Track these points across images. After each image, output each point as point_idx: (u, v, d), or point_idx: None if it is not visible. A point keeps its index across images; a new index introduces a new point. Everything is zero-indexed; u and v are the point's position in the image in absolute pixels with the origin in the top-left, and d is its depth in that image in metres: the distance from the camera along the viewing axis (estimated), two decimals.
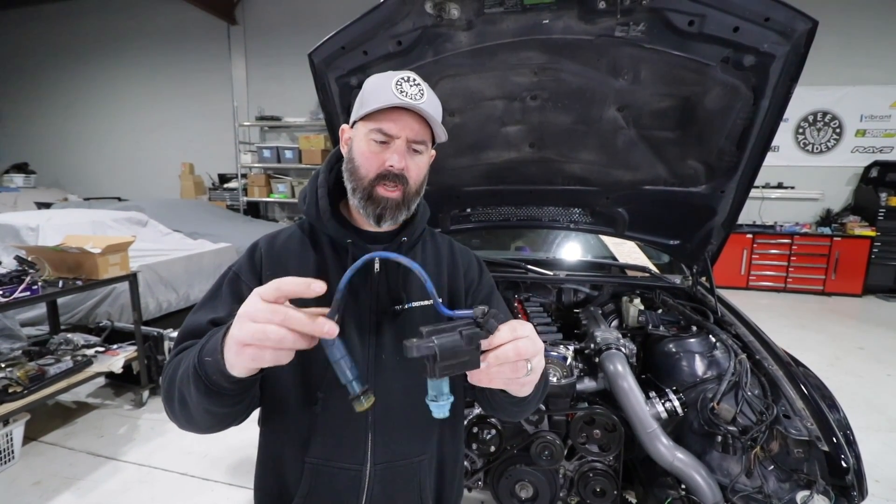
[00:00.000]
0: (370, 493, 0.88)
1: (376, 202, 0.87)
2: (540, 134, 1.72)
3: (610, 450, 1.43)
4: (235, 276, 0.92)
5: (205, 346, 0.69)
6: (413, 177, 0.89)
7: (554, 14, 1.33)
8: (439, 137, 0.92)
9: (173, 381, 0.75)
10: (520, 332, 0.65)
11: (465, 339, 0.59)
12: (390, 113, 0.85)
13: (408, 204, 0.90)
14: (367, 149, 0.86)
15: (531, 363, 0.67)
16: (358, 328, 0.89)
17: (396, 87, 0.83)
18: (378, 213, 0.88)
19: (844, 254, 6.35)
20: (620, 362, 1.46)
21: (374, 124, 0.85)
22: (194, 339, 0.84)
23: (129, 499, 2.34)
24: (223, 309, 0.87)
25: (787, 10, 1.20)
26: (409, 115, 0.85)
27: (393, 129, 0.85)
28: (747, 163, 1.56)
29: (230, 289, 0.90)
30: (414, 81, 0.86)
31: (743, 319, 1.68)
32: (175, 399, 0.75)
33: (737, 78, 1.37)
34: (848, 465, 1.15)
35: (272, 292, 0.60)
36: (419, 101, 0.84)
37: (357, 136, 0.89)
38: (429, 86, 0.89)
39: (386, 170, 0.86)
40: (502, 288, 2.22)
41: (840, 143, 6.73)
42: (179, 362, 0.77)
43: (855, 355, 4.33)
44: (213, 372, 0.66)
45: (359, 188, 0.88)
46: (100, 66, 9.06)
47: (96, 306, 3.49)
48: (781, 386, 1.35)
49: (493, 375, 0.65)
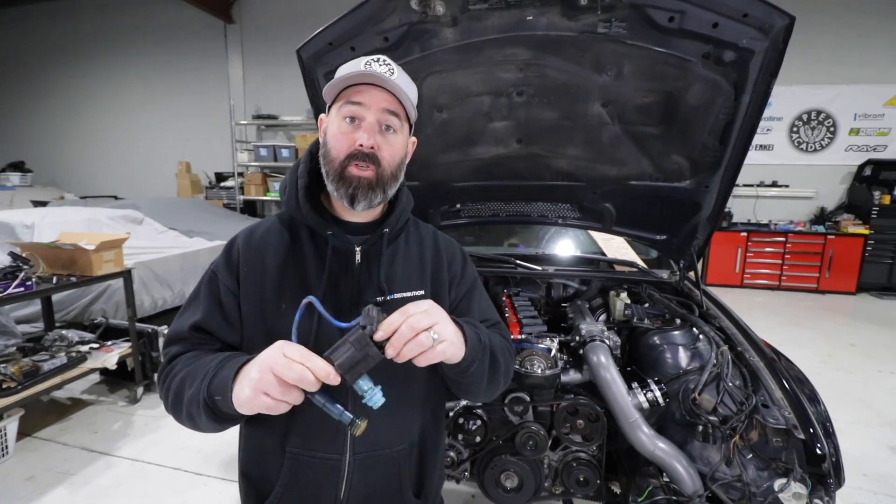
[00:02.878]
0: (349, 482, 0.90)
1: (348, 182, 0.87)
2: (527, 129, 1.74)
3: (593, 440, 1.45)
4: (213, 274, 0.94)
5: (213, 381, 0.76)
6: (386, 157, 0.89)
7: (537, 10, 1.35)
8: (411, 115, 0.93)
9: (179, 399, 0.82)
10: (411, 311, 0.74)
11: (354, 345, 0.70)
12: (359, 89, 0.87)
13: (382, 186, 0.90)
14: (339, 130, 0.88)
15: (434, 331, 0.74)
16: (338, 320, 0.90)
17: (366, 66, 0.86)
18: (350, 192, 0.87)
19: (838, 252, 6.39)
20: (604, 354, 1.48)
21: (343, 100, 0.87)
22: (182, 345, 0.90)
23: (123, 493, 2.36)
24: (202, 311, 0.91)
25: (765, 5, 1.22)
26: (378, 90, 0.87)
27: (362, 99, 0.86)
28: (730, 158, 1.58)
29: (208, 289, 0.93)
30: (384, 61, 0.88)
31: (727, 313, 1.71)
32: (183, 416, 0.83)
33: (718, 73, 1.39)
34: (823, 452, 1.17)
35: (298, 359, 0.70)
36: (388, 76, 0.85)
37: (330, 119, 0.91)
38: (402, 69, 0.90)
39: (356, 149, 0.86)
40: (493, 283, 2.24)
41: (834, 141, 6.77)
42: (183, 382, 0.82)
43: (847, 352, 4.36)
44: (224, 406, 0.75)
45: (331, 170, 0.89)
46: (97, 65, 9.07)
47: (91, 304, 3.51)
48: (761, 376, 1.37)
49: (405, 354, 0.72)
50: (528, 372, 1.45)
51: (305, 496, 0.91)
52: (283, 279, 0.91)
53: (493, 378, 0.93)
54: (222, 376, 0.75)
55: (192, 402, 0.78)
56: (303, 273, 0.91)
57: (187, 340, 0.90)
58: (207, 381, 0.77)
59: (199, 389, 0.77)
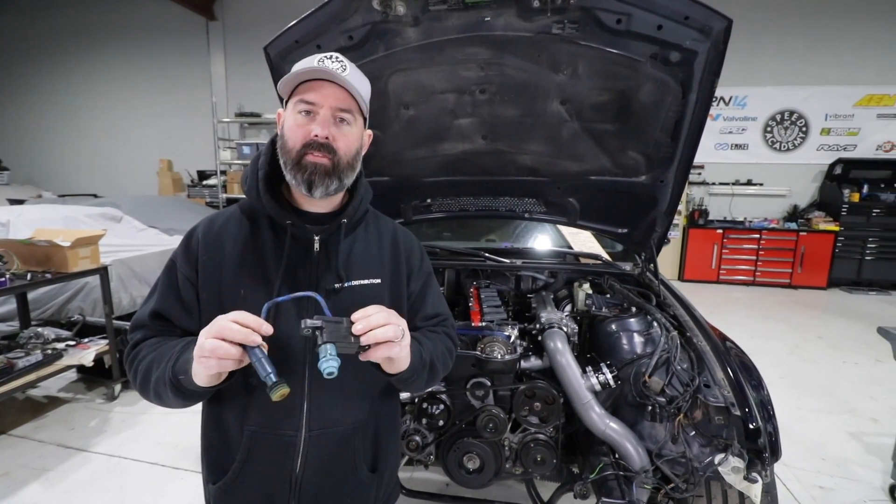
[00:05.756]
0: (305, 458, 0.95)
1: (304, 168, 0.91)
2: (491, 126, 1.80)
3: (550, 421, 1.52)
4: (172, 264, 0.98)
5: (176, 362, 0.83)
6: (342, 148, 0.93)
7: (494, 12, 1.41)
8: (364, 110, 0.97)
9: (147, 380, 0.88)
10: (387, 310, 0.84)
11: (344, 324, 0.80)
12: (313, 84, 0.91)
13: (339, 174, 0.93)
14: (294, 122, 0.92)
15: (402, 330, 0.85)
16: (297, 305, 0.93)
17: (319, 62, 0.90)
18: (307, 178, 0.91)
19: (810, 248, 6.59)
20: (560, 340, 1.55)
21: (298, 97, 0.92)
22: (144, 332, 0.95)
23: (99, 488, 2.37)
24: (160, 299, 0.96)
25: (704, 9, 1.30)
26: (331, 86, 0.91)
27: (314, 98, 0.90)
28: (682, 153, 1.66)
29: (166, 278, 0.97)
30: (337, 58, 0.92)
31: (682, 301, 1.79)
32: (151, 394, 0.89)
33: (665, 73, 1.47)
34: (757, 427, 1.25)
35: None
36: (340, 73, 0.90)
37: (287, 113, 0.95)
38: (356, 66, 0.95)
39: (311, 139, 0.90)
40: (464, 275, 2.31)
41: (806, 141, 6.98)
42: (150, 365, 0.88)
43: (814, 344, 4.52)
44: (188, 384, 0.81)
45: (288, 160, 0.92)
46: (76, 61, 8.94)
47: (68, 301, 3.48)
48: (706, 359, 1.45)
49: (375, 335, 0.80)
50: (489, 357, 1.52)
51: (262, 471, 0.95)
52: (242, 266, 0.95)
53: (431, 381, 1.02)
54: (184, 357, 0.81)
55: (159, 382, 0.84)
56: (262, 260, 0.95)
57: (149, 327, 0.95)
58: (172, 363, 0.83)
59: (165, 370, 0.83)
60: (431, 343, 1.02)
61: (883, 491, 2.40)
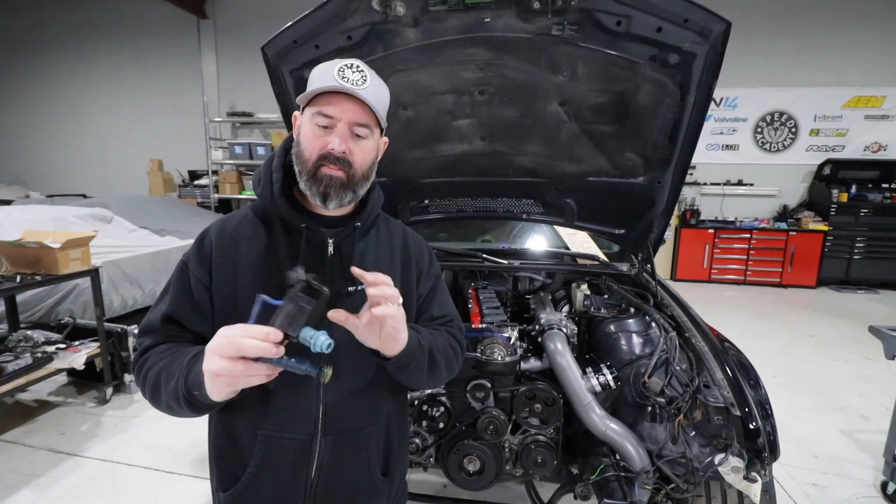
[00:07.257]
0: (320, 462, 0.94)
1: (319, 181, 0.90)
2: (490, 127, 1.80)
3: (550, 423, 1.52)
4: (184, 266, 0.96)
5: (188, 377, 0.79)
6: (358, 161, 0.92)
7: (494, 12, 1.41)
8: (382, 122, 0.95)
9: (158, 391, 0.85)
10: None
11: (287, 302, 0.76)
12: (331, 97, 0.89)
13: (354, 187, 0.93)
14: (311, 132, 0.90)
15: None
16: None
17: (339, 73, 0.88)
18: (322, 191, 0.90)
19: (800, 247, 6.68)
20: (560, 341, 1.56)
21: (316, 108, 0.90)
22: (154, 337, 0.93)
23: (91, 493, 2.33)
24: (172, 302, 0.93)
25: (703, 11, 1.31)
26: (349, 100, 0.89)
27: (333, 112, 0.89)
28: (679, 155, 1.67)
29: (179, 280, 0.95)
30: (357, 68, 0.90)
31: (679, 302, 1.80)
32: (163, 406, 0.86)
33: (664, 75, 1.48)
34: (757, 427, 1.26)
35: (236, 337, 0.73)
36: (360, 86, 0.88)
37: (304, 120, 0.93)
38: (375, 73, 0.92)
39: (327, 152, 0.89)
40: (462, 276, 2.30)
41: (795, 142, 7.07)
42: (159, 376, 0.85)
43: (805, 342, 4.57)
44: (203, 398, 0.78)
45: (304, 170, 0.91)
46: (65, 59, 8.81)
47: (58, 304, 3.43)
48: (705, 359, 1.46)
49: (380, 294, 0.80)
50: (489, 359, 1.51)
51: (277, 475, 0.94)
52: (259, 268, 0.94)
53: (433, 374, 0.99)
54: (196, 371, 0.78)
55: (172, 396, 0.82)
56: (278, 263, 0.94)
57: (159, 332, 0.93)
58: (183, 379, 0.80)
59: (178, 385, 0.80)
60: (430, 334, 1.02)
61: (875, 487, 2.44)
